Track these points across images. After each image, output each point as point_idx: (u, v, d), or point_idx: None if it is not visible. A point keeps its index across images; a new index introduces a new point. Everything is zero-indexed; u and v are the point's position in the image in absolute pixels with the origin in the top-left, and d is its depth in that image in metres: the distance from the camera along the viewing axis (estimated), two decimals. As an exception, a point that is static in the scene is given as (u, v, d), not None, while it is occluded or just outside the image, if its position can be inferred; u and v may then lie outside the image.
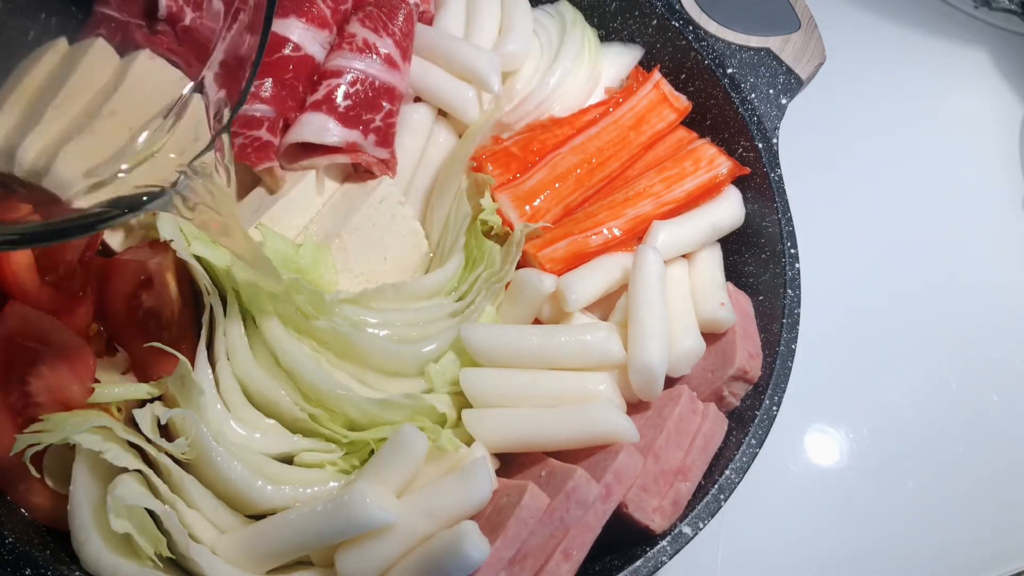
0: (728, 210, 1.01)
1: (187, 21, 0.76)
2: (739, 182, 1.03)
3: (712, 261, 1.00)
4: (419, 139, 1.01)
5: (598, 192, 1.01)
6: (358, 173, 0.97)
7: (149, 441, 0.75)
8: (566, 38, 1.06)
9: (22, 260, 0.79)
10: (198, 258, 0.82)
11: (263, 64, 0.90)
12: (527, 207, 0.96)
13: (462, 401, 0.86)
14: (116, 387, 0.79)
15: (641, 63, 1.12)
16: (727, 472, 0.85)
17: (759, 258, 1.01)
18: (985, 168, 1.37)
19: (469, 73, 0.99)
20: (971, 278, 1.27)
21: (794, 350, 0.93)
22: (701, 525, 0.83)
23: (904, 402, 1.18)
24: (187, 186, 0.66)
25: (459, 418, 0.85)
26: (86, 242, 0.83)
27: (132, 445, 0.76)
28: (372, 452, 0.81)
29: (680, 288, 0.95)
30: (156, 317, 0.84)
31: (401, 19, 0.97)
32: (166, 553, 0.72)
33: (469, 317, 0.89)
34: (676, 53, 1.08)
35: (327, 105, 0.92)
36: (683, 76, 1.08)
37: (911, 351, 1.21)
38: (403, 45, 0.96)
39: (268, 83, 0.90)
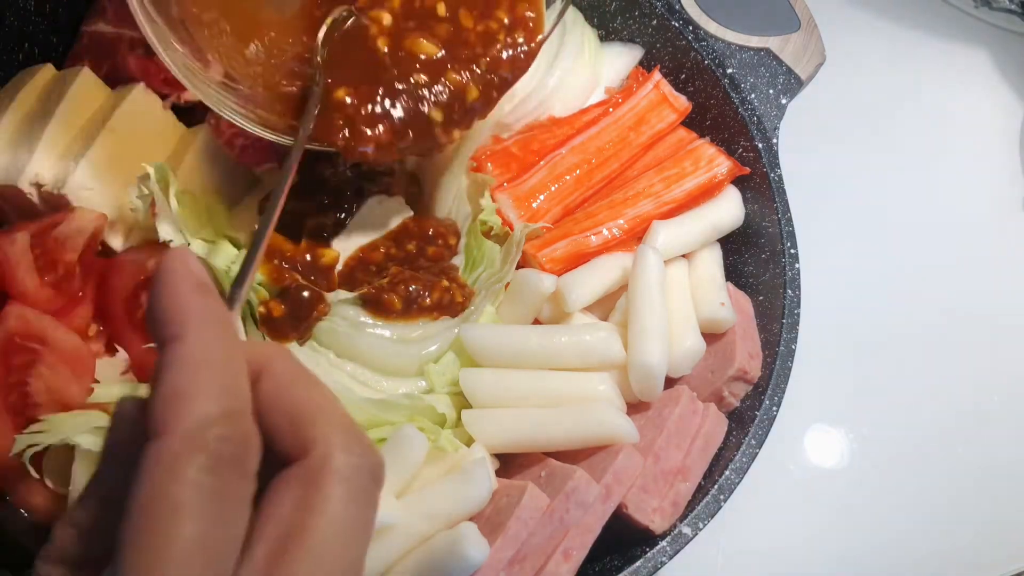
0: (728, 210, 1.01)
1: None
2: (739, 182, 1.03)
3: (712, 261, 1.00)
4: (419, 139, 1.01)
5: (598, 192, 1.01)
6: (358, 173, 0.98)
7: (149, 441, 0.75)
8: (566, 38, 1.06)
9: (22, 260, 0.79)
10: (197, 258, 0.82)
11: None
12: (527, 207, 0.96)
13: (462, 401, 0.86)
14: (116, 387, 0.80)
15: (641, 63, 1.12)
16: (727, 472, 0.85)
17: (759, 258, 1.01)
18: (985, 168, 1.37)
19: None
20: (971, 278, 1.27)
21: (794, 350, 0.93)
22: (701, 525, 0.83)
23: (904, 402, 1.18)
24: None
25: (459, 418, 0.85)
26: (86, 242, 0.84)
27: (132, 445, 0.76)
28: (372, 452, 0.81)
29: (680, 288, 0.95)
30: (156, 317, 0.84)
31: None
32: (166, 553, 0.72)
33: (469, 317, 0.89)
34: (676, 53, 1.08)
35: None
36: (683, 76, 1.08)
37: (911, 351, 1.21)
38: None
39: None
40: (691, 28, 1.07)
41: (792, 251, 0.97)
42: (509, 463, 0.86)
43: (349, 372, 0.85)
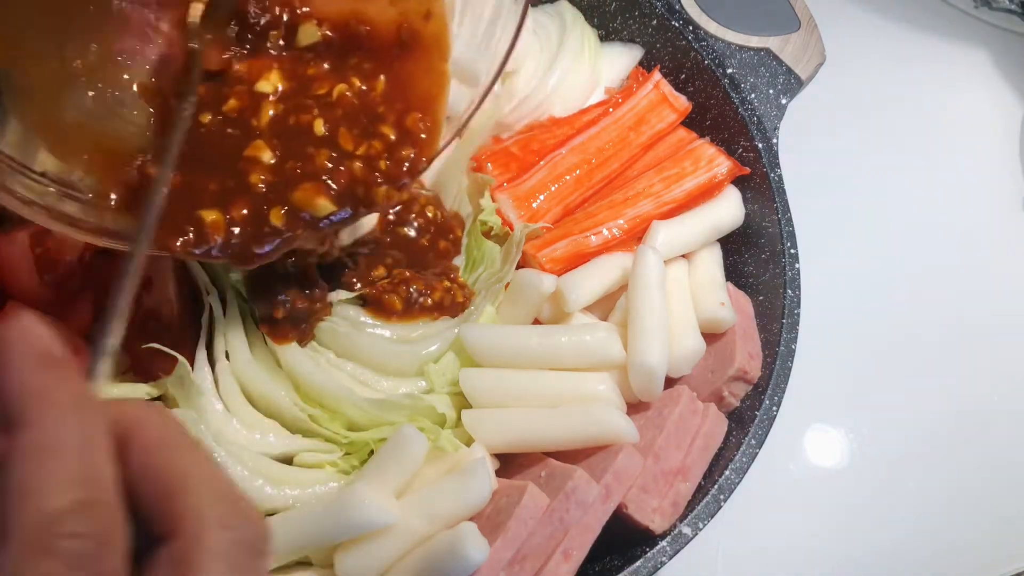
0: (728, 210, 1.01)
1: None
2: (739, 182, 1.03)
3: (712, 261, 1.00)
4: (419, 139, 1.01)
5: (598, 192, 1.01)
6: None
7: (149, 441, 0.75)
8: (566, 38, 1.06)
9: (22, 260, 0.79)
10: (197, 258, 0.82)
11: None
12: (527, 207, 0.96)
13: (462, 401, 0.86)
14: (116, 387, 0.79)
15: (641, 63, 1.12)
16: (727, 472, 0.85)
17: (759, 258, 1.01)
18: (985, 168, 1.37)
19: (467, 73, 0.99)
20: (971, 278, 1.27)
21: (794, 350, 0.93)
22: (701, 525, 0.83)
23: (904, 402, 1.18)
24: None
25: (459, 418, 0.85)
26: (86, 242, 0.83)
27: (132, 445, 0.76)
28: (372, 452, 0.81)
29: (680, 288, 0.95)
30: (156, 317, 0.84)
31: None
32: (166, 553, 0.72)
33: (469, 317, 0.89)
34: (676, 53, 1.08)
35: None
36: (683, 76, 1.08)
37: (911, 351, 1.21)
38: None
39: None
40: (691, 28, 1.07)
41: (792, 251, 0.97)
42: (509, 463, 0.86)
43: (349, 372, 0.85)
